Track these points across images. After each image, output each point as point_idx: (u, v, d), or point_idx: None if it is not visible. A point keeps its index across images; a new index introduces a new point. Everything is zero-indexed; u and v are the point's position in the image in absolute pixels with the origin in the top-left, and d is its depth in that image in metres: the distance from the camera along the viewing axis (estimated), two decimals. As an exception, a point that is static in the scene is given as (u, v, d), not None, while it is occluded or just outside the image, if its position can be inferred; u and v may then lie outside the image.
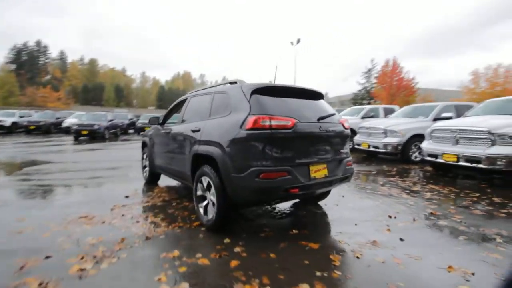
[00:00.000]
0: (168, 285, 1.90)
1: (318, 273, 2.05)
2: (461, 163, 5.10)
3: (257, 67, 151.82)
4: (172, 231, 2.84)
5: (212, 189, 2.73)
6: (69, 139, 14.09)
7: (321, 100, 3.19)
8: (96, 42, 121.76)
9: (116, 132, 15.95)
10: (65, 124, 17.27)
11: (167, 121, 4.55)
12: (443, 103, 8.27)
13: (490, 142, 4.79)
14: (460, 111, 7.90)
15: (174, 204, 3.80)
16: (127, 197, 4.13)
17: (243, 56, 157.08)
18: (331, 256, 2.29)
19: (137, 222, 3.10)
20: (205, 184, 2.87)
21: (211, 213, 2.79)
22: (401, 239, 2.65)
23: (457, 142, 5.28)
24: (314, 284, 1.91)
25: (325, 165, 2.76)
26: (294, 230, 2.86)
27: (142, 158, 5.18)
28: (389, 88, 32.11)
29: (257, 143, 2.41)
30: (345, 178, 2.99)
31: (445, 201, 3.93)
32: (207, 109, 3.16)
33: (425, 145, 5.99)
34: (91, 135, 13.65)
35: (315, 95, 3.11)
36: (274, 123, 2.41)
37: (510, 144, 4.61)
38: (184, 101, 4.01)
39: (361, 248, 2.45)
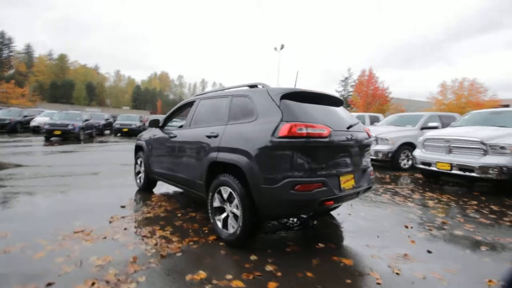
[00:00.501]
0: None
1: (364, 294, 1.91)
2: (454, 172, 5.29)
3: (239, 71, 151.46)
4: (188, 248, 2.57)
5: (235, 201, 2.51)
6: (39, 139, 12.91)
7: (341, 107, 3.10)
8: (67, 36, 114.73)
9: (92, 133, 14.91)
10: (34, 123, 15.81)
11: (168, 125, 4.25)
12: (428, 113, 8.65)
13: (482, 152, 5.00)
14: (444, 121, 8.30)
15: (179, 215, 3.49)
16: (123, 207, 3.75)
17: (224, 59, 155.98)
18: (371, 274, 2.17)
19: (145, 237, 2.78)
20: (225, 195, 2.64)
21: (233, 227, 2.56)
22: (429, 251, 2.60)
23: (450, 151, 5.48)
24: (366, 307, 1.77)
25: (352, 175, 2.65)
26: (320, 244, 2.71)
27: (136, 164, 4.78)
28: (365, 96, 33.49)
29: (291, 152, 2.24)
30: (368, 189, 2.91)
31: (449, 210, 4.00)
32: (224, 113, 2.93)
33: (418, 153, 6.17)
34: (64, 136, 12.62)
35: (337, 102, 3.01)
36: (310, 131, 2.25)
37: (501, 154, 4.85)
38: (190, 103, 3.74)
39: (395, 262, 2.36)
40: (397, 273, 2.19)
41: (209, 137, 2.93)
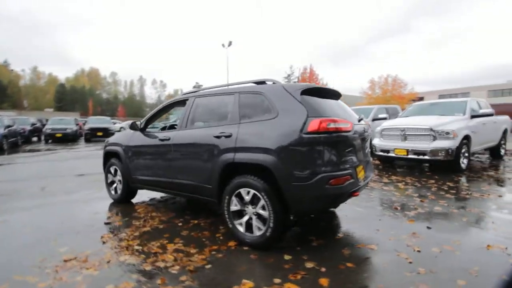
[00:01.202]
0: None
1: (407, 274, 2.06)
2: (410, 156, 6.05)
3: (184, 69, 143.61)
4: (214, 258, 2.38)
5: (261, 202, 2.42)
6: None
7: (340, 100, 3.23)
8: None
9: (17, 142, 12.53)
10: None
11: (149, 127, 3.84)
12: (377, 106, 9.68)
13: (432, 138, 5.84)
14: (389, 113, 9.40)
15: (180, 224, 3.21)
16: (108, 223, 3.28)
17: (166, 56, 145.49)
18: (399, 255, 2.34)
19: (157, 253, 2.48)
20: (247, 197, 2.52)
21: (259, 228, 2.46)
22: (428, 227, 2.94)
23: (405, 138, 6.24)
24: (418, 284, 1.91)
25: (362, 166, 2.81)
26: (339, 235, 2.81)
27: (108, 173, 4.20)
28: (308, 92, 35.62)
29: (322, 147, 2.26)
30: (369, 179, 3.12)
31: (418, 190, 4.56)
32: (232, 112, 2.78)
33: (377, 142, 6.86)
34: (-20, 147, 10.33)
35: (339, 95, 3.11)
36: (337, 125, 2.30)
37: (446, 139, 5.74)
38: (181, 102, 3.44)
39: (410, 241, 2.60)
40: (418, 251, 2.41)
41: (218, 137, 2.75)
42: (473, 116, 6.41)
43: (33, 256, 2.44)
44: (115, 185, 4.14)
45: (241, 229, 2.59)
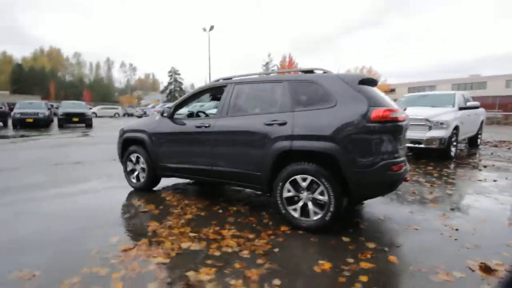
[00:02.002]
0: None
1: (459, 250, 2.30)
2: (407, 145, 6.49)
3: (156, 52, 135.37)
4: (275, 242, 2.45)
5: (320, 188, 2.51)
6: None
7: None
8: None
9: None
10: None
11: (177, 113, 3.72)
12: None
13: (428, 128, 6.29)
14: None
15: (220, 211, 3.22)
16: (144, 211, 3.19)
17: (137, 37, 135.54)
18: (445, 234, 2.59)
19: (216, 239, 2.49)
20: (303, 184, 2.60)
21: (316, 213, 2.57)
22: (452, 209, 3.25)
23: None
24: (473, 267, 2.15)
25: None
26: (380, 217, 3.02)
27: (127, 161, 4.03)
28: (288, 80, 35.98)
29: (384, 135, 2.40)
30: None
31: (423, 176, 4.92)
32: (284, 99, 2.80)
33: None
34: None
35: (376, 84, 3.19)
36: (396, 115, 2.44)
37: (440, 128, 6.22)
38: (218, 89, 3.37)
39: (445, 221, 2.87)
40: (456, 229, 2.69)
41: (270, 125, 2.77)
42: (460, 108, 6.98)
43: (84, 248, 2.34)
44: (136, 173, 4.00)
45: (295, 214, 2.68)
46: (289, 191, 2.70)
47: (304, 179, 2.60)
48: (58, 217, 3.03)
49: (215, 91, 3.67)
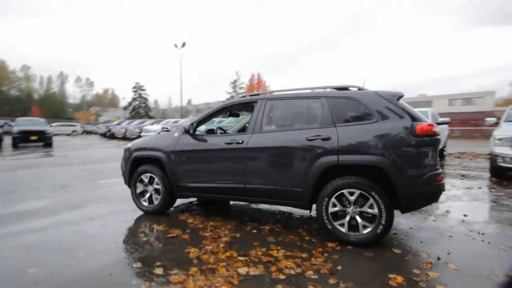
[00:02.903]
0: None
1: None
2: None
3: (118, 67, 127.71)
4: (331, 259, 2.39)
5: (370, 201, 2.55)
6: None
7: None
8: None
9: None
10: None
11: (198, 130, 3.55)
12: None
13: None
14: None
15: (254, 231, 3.07)
16: (172, 237, 2.92)
17: (95, 51, 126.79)
18: (478, 239, 2.77)
19: (270, 261, 2.36)
20: (351, 198, 2.62)
21: (366, 227, 2.59)
22: (465, 215, 3.51)
23: None
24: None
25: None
26: (411, 227, 3.14)
27: (137, 182, 3.69)
28: (257, 98, 36.76)
29: (428, 148, 2.54)
30: None
31: None
32: (323, 115, 2.85)
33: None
34: None
35: None
36: (435, 129, 2.61)
37: None
38: (248, 104, 3.33)
39: (468, 228, 3.08)
40: (483, 233, 2.88)
41: (312, 140, 2.78)
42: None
43: (131, 283, 2.04)
44: (147, 195, 3.67)
45: (343, 229, 2.67)
46: (334, 205, 2.70)
47: (352, 193, 2.63)
48: (74, 249, 2.62)
49: (243, 107, 3.60)
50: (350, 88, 3.04)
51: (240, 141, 3.11)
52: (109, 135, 23.46)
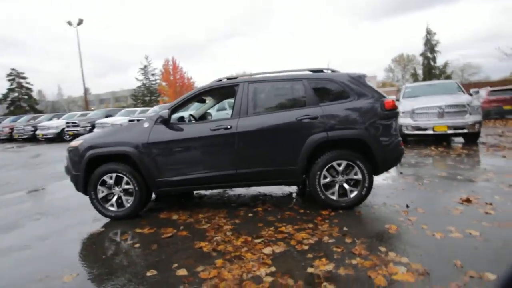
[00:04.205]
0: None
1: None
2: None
3: None
4: (335, 223, 2.68)
5: (354, 169, 2.94)
6: None
7: None
8: None
9: None
10: None
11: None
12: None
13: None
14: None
15: (250, 214, 3.09)
16: (168, 237, 2.66)
17: None
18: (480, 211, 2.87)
19: (283, 239, 2.47)
20: (339, 168, 2.95)
21: (352, 191, 2.97)
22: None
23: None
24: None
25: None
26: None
27: (100, 185, 3.11)
28: (174, 86, 34.59)
29: (394, 119, 3.06)
30: None
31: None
32: (307, 96, 3.04)
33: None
34: None
35: None
36: (397, 104, 3.15)
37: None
38: (228, 88, 3.21)
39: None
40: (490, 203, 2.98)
41: (301, 119, 2.95)
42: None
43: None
44: (114, 198, 3.16)
45: (334, 197, 3.00)
46: (325, 177, 2.98)
47: (339, 164, 2.96)
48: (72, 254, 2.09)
49: (220, 92, 3.41)
50: (324, 71, 3.31)
51: (229, 126, 3.01)
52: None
